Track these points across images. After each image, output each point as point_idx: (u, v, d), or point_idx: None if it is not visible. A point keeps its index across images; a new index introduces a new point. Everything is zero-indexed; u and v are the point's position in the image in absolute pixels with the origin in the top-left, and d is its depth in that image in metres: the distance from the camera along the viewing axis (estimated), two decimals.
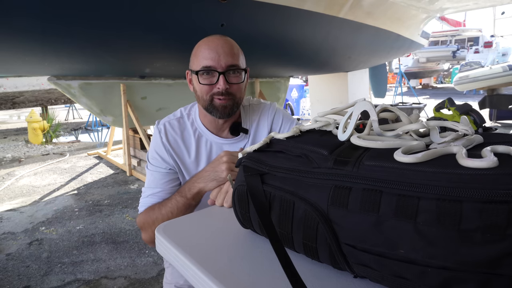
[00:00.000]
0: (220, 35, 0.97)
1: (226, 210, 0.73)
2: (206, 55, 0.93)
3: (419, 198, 0.35)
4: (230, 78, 0.94)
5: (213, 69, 0.92)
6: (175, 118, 1.04)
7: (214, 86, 0.94)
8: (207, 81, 0.94)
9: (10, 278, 2.17)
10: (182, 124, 1.04)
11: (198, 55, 0.95)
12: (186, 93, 4.08)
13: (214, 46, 0.93)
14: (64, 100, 8.05)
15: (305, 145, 0.49)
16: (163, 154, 0.99)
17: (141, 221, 0.97)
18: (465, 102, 2.63)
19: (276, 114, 1.12)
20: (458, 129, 0.44)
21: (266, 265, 0.49)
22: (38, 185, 3.99)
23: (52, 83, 3.22)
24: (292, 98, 8.58)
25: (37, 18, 2.27)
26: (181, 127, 1.03)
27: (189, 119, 1.05)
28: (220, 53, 0.92)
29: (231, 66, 0.93)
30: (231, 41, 0.97)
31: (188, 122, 1.04)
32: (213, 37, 0.96)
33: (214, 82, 0.93)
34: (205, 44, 0.95)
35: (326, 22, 3.80)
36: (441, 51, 17.93)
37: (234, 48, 0.96)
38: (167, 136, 1.00)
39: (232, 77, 0.95)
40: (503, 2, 6.47)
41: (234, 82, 0.95)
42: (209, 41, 0.95)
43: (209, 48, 0.93)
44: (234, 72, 0.95)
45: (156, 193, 0.98)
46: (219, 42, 0.94)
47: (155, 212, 0.94)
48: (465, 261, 0.32)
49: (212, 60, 0.92)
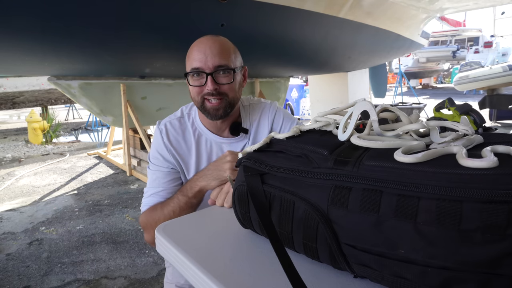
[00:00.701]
0: (211, 36, 0.97)
1: (226, 210, 0.73)
2: (195, 56, 0.94)
3: (419, 198, 0.35)
4: (219, 79, 0.94)
5: (201, 71, 0.93)
6: (176, 118, 1.05)
7: (204, 87, 0.94)
8: (197, 83, 0.95)
9: (10, 278, 2.17)
10: (183, 124, 1.04)
11: (189, 57, 0.96)
12: (186, 93, 4.06)
13: (202, 47, 0.94)
14: (64, 100, 8.05)
15: (305, 145, 0.49)
16: (164, 154, 0.99)
17: (143, 221, 0.97)
18: (465, 102, 2.63)
19: (277, 114, 1.11)
20: (458, 129, 0.44)
21: (266, 265, 0.49)
22: (38, 185, 3.99)
23: (52, 83, 3.22)
24: (292, 98, 8.58)
25: (37, 18, 2.27)
26: (182, 126, 1.04)
27: (190, 119, 1.05)
28: (207, 54, 0.92)
29: (218, 67, 0.93)
30: (221, 41, 0.97)
31: (188, 122, 1.05)
32: (204, 38, 0.96)
33: (203, 84, 0.94)
34: (195, 46, 0.96)
35: (326, 22, 3.80)
36: (441, 51, 17.92)
37: (224, 48, 0.95)
38: (168, 136, 1.00)
39: (221, 77, 0.95)
40: (503, 2, 6.47)
41: (224, 83, 0.95)
42: (199, 42, 0.96)
43: (198, 50, 0.94)
44: (223, 72, 0.94)
45: (158, 193, 0.98)
46: (208, 43, 0.94)
47: (157, 212, 0.94)
48: (465, 261, 0.32)
49: (200, 62, 0.93)
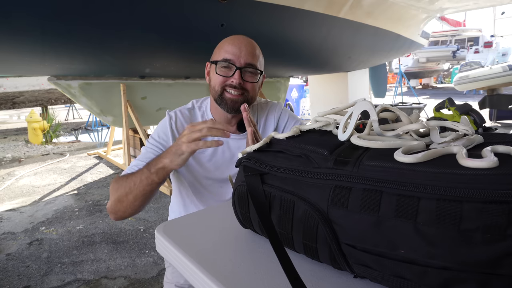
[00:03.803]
0: (247, 37, 1.02)
1: (226, 210, 0.73)
2: (229, 49, 0.97)
3: (419, 198, 0.35)
4: (246, 76, 0.98)
5: (232, 63, 0.96)
6: (186, 109, 1.08)
7: (229, 78, 0.97)
8: (223, 73, 0.98)
9: (10, 278, 2.17)
10: (193, 115, 1.07)
11: (221, 48, 0.99)
12: (186, 93, 4.08)
13: (238, 43, 0.98)
14: (64, 100, 8.04)
15: (305, 145, 0.49)
16: (167, 139, 1.00)
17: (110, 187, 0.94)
18: (465, 102, 2.63)
19: (283, 113, 1.15)
20: (458, 129, 0.44)
21: (266, 265, 0.49)
22: (38, 185, 3.99)
23: (52, 83, 3.22)
24: (292, 98, 8.57)
25: (37, 18, 2.27)
26: (192, 117, 1.06)
27: (200, 111, 1.08)
28: (242, 50, 0.97)
29: (249, 65, 0.98)
30: (255, 44, 1.02)
31: (199, 113, 1.07)
32: (240, 36, 1.01)
33: (230, 75, 0.97)
34: (230, 40, 1.00)
35: (326, 22, 3.80)
36: (441, 51, 17.92)
37: (257, 50, 1.01)
38: (176, 123, 1.03)
39: (248, 76, 0.99)
40: (503, 2, 6.47)
41: (249, 81, 0.99)
42: (235, 38, 1.00)
43: (233, 44, 0.98)
44: (250, 71, 0.99)
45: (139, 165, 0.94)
46: (244, 41, 1.00)
47: (122, 181, 0.90)
48: (465, 261, 0.32)
49: (233, 55, 0.97)
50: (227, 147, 1.05)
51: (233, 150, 1.05)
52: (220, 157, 1.04)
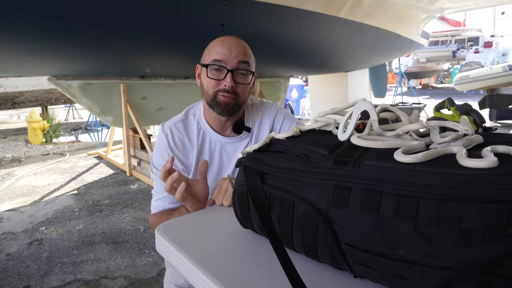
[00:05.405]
0: (236, 37, 1.00)
1: (226, 210, 0.73)
2: (218, 50, 0.95)
3: (419, 198, 0.35)
4: (238, 78, 0.96)
5: (223, 65, 0.94)
6: (179, 120, 1.06)
7: (221, 82, 0.95)
8: (215, 76, 0.96)
9: (10, 278, 2.16)
10: (187, 125, 1.05)
11: (211, 50, 0.97)
12: (186, 93, 4.08)
13: (227, 44, 0.96)
14: (64, 100, 8.04)
15: (305, 145, 0.49)
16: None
17: (153, 224, 1.00)
18: (465, 102, 2.63)
19: (278, 113, 1.13)
20: (458, 129, 0.44)
21: (266, 265, 0.49)
22: (38, 185, 3.99)
23: (52, 83, 3.22)
24: (292, 98, 8.58)
25: (37, 17, 2.27)
26: (186, 128, 1.05)
27: (195, 119, 1.06)
28: (232, 50, 0.95)
29: (241, 62, 0.96)
30: (245, 43, 1.00)
31: (194, 121, 1.06)
32: (229, 36, 0.99)
33: (221, 78, 0.95)
34: (220, 41, 0.98)
35: (326, 22, 3.80)
36: (441, 51, 17.91)
37: (247, 50, 0.99)
38: (174, 139, 1.01)
39: (240, 77, 0.97)
40: (503, 2, 6.47)
41: (241, 82, 0.97)
42: (224, 39, 0.98)
43: (223, 45, 0.96)
44: (242, 73, 0.97)
45: (163, 198, 1.00)
46: (234, 41, 0.97)
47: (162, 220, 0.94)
48: (465, 261, 0.32)
49: (224, 56, 0.94)
50: (224, 151, 1.04)
51: (230, 153, 1.05)
52: (218, 161, 1.04)
